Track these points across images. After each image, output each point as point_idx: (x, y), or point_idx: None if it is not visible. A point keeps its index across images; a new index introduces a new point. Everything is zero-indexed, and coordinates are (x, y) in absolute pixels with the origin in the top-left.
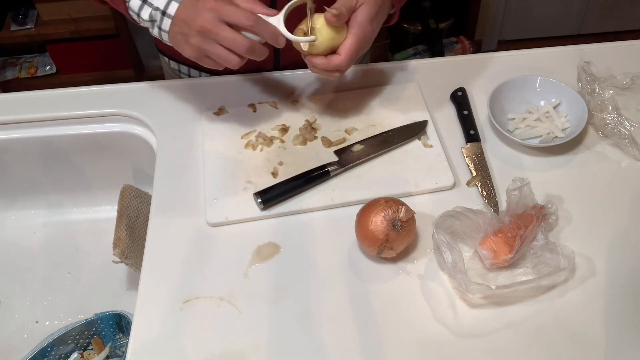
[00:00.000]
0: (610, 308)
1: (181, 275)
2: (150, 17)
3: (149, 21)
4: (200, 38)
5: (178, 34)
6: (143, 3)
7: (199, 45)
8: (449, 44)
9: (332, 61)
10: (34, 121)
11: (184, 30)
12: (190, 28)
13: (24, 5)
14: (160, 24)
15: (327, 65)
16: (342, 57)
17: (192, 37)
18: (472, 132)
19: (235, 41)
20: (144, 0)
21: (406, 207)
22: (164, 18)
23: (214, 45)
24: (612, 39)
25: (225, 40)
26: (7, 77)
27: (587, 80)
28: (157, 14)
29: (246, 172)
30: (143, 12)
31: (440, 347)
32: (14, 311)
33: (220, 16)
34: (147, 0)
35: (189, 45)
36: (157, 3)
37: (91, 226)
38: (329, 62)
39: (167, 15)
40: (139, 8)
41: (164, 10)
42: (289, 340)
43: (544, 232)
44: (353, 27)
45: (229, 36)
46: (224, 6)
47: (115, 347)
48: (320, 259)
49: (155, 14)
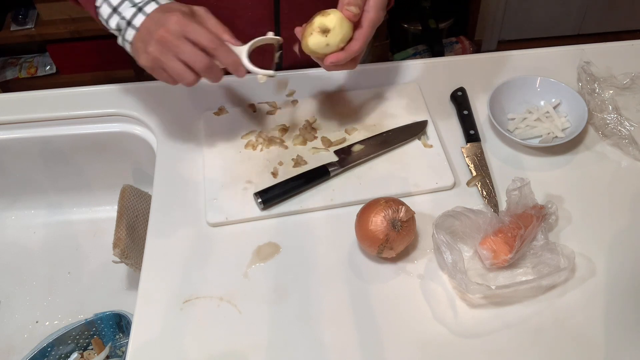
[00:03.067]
0: (610, 308)
1: (181, 275)
2: (117, 26)
3: (116, 30)
4: (159, 47)
5: (138, 42)
6: (113, 12)
7: (156, 55)
8: (449, 44)
9: (351, 50)
10: (34, 121)
11: (144, 38)
12: (150, 37)
13: (24, 5)
14: (124, 34)
15: (348, 56)
16: (359, 42)
17: (151, 46)
18: (472, 132)
19: (194, 56)
20: (114, 9)
21: (406, 207)
22: (128, 28)
23: (172, 58)
24: (612, 39)
25: (184, 54)
26: (7, 77)
27: (587, 80)
28: (123, 23)
29: (246, 172)
30: (111, 20)
31: (440, 347)
32: (14, 311)
33: (184, 31)
34: (117, 10)
35: (146, 53)
36: (125, 13)
37: (91, 226)
38: (348, 53)
39: (132, 26)
40: (108, 16)
41: (130, 20)
42: (289, 340)
43: (544, 232)
44: (368, 12)
45: (189, 50)
46: (190, 23)
47: (115, 347)
48: (320, 259)
49: (122, 24)
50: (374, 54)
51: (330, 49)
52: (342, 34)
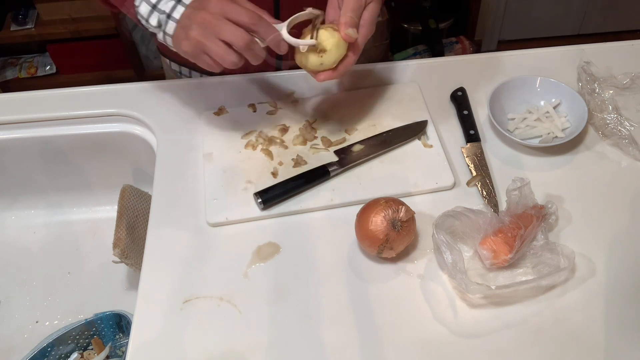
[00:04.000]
0: (610, 308)
1: (181, 275)
2: (158, 22)
3: (157, 27)
4: (201, 31)
5: (179, 29)
6: (152, 9)
7: (198, 39)
8: (449, 44)
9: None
10: (34, 121)
11: (185, 25)
12: (191, 21)
13: (24, 5)
14: (165, 28)
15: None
16: (352, 59)
17: (192, 30)
18: (472, 132)
19: (235, 34)
20: (154, 6)
21: (406, 207)
22: (168, 21)
23: (214, 40)
24: (612, 39)
25: (225, 33)
26: (7, 77)
27: (587, 80)
28: (164, 17)
29: (246, 172)
30: (152, 18)
31: (440, 347)
32: (14, 311)
33: (224, 12)
34: (157, 7)
35: (188, 39)
36: (164, 7)
37: (91, 226)
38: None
39: (172, 18)
40: (148, 14)
41: (170, 13)
42: (289, 340)
43: (544, 232)
44: (363, 27)
45: (230, 29)
46: (229, 4)
47: (115, 347)
48: (320, 259)
49: (162, 19)
50: (374, 54)
51: (323, 67)
52: (337, 54)
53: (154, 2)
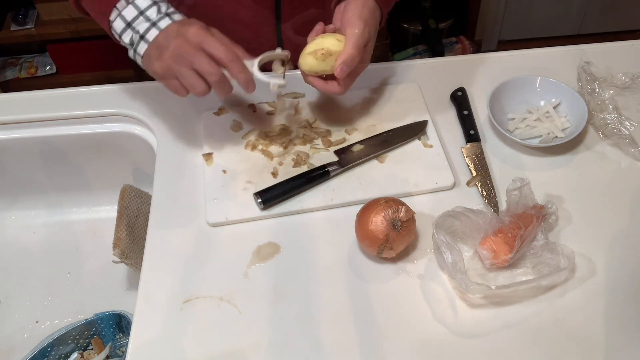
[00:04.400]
0: (610, 308)
1: (181, 275)
2: (131, 40)
3: (129, 44)
4: (175, 56)
5: (153, 49)
6: (127, 26)
7: (170, 62)
8: (449, 44)
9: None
10: (34, 121)
11: (160, 46)
12: (167, 45)
13: (24, 5)
14: (136, 47)
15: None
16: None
17: (167, 54)
18: (472, 132)
19: (209, 68)
20: (128, 24)
21: (406, 207)
22: (141, 42)
23: (186, 67)
24: (612, 39)
25: (199, 65)
26: (7, 77)
27: (587, 80)
28: (137, 37)
29: (246, 172)
30: (124, 35)
31: (440, 347)
32: (14, 311)
33: (201, 42)
34: (131, 25)
35: (161, 61)
36: (138, 27)
37: (91, 226)
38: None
39: (145, 40)
40: (122, 31)
41: (143, 34)
42: (289, 340)
43: (544, 232)
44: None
45: (205, 61)
46: (208, 36)
47: (115, 347)
48: (320, 259)
49: (135, 38)
50: (374, 54)
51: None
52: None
53: (129, 20)
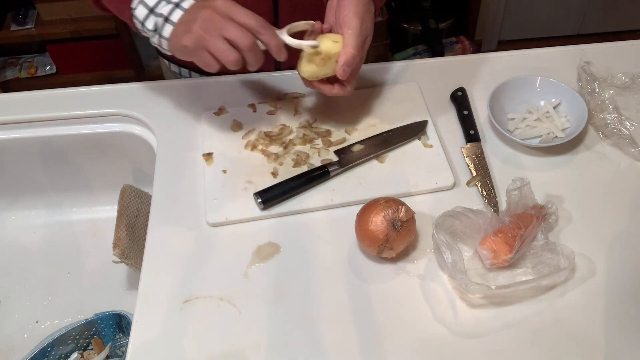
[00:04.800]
0: (610, 308)
1: (181, 275)
2: (154, 26)
3: (152, 30)
4: (205, 26)
5: (180, 25)
6: (149, 13)
7: (200, 34)
8: (449, 44)
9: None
10: (34, 121)
11: (188, 20)
12: (195, 17)
13: (24, 5)
14: (161, 31)
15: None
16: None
17: (196, 25)
18: (472, 132)
19: (241, 34)
20: (151, 10)
21: (406, 207)
22: (165, 25)
23: (217, 37)
24: (612, 39)
25: (230, 32)
26: (7, 77)
27: (587, 80)
28: (160, 21)
29: (246, 172)
30: (148, 22)
31: (440, 347)
32: (14, 311)
33: (230, 12)
34: (154, 10)
35: (191, 33)
36: (162, 10)
37: (91, 226)
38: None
39: (169, 21)
40: (145, 17)
41: (167, 16)
42: (289, 340)
43: (544, 232)
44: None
45: (236, 28)
46: (236, 5)
47: (115, 347)
48: (320, 259)
49: (159, 22)
50: (374, 54)
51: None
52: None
53: (151, 6)
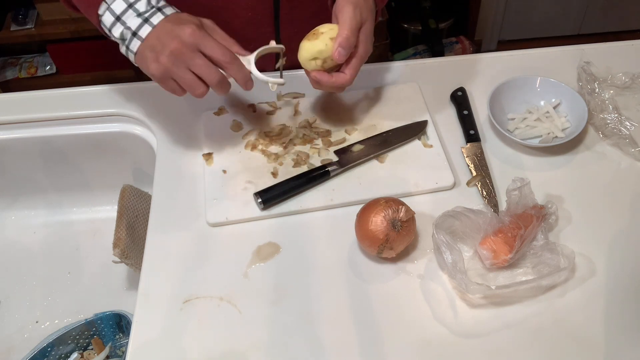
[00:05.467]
0: (610, 308)
1: (181, 275)
2: (121, 35)
3: (120, 39)
4: (172, 59)
5: (148, 50)
6: (116, 20)
7: (168, 65)
8: (449, 44)
9: (337, 81)
10: (34, 121)
11: (156, 48)
12: (163, 47)
13: (24, 5)
14: (128, 44)
15: (333, 83)
16: (347, 76)
17: (164, 56)
18: (472, 132)
19: (208, 70)
20: (117, 18)
21: (406, 207)
22: (133, 39)
23: (184, 69)
24: (612, 39)
25: (197, 67)
26: (7, 77)
27: (587, 80)
28: (128, 33)
29: (246, 172)
30: (114, 29)
31: (440, 347)
32: (14, 311)
33: (198, 45)
34: (120, 19)
35: (158, 63)
36: (129, 23)
37: (91, 226)
38: (334, 80)
39: (137, 36)
40: (111, 24)
41: (135, 31)
42: (289, 340)
43: (544, 232)
44: (359, 47)
45: (203, 64)
46: (205, 36)
47: (115, 347)
48: (320, 259)
49: (126, 33)
50: (374, 54)
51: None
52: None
53: (118, 14)
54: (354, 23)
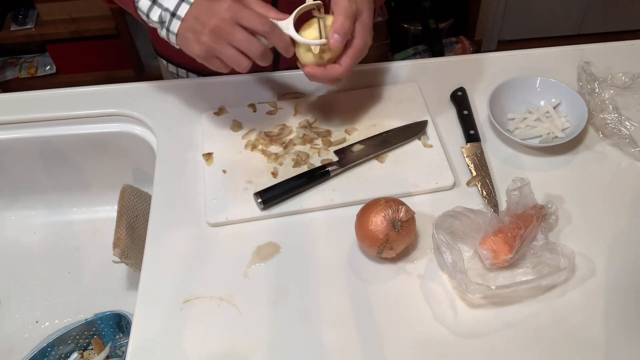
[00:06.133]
0: (610, 308)
1: (181, 275)
2: (160, 18)
3: (158, 22)
4: (214, 37)
5: (189, 32)
6: (153, 4)
7: (210, 44)
8: (449, 44)
9: (331, 72)
10: (34, 121)
11: (196, 28)
12: (203, 26)
13: (24, 5)
14: (169, 26)
15: (327, 76)
16: (342, 68)
17: (205, 36)
18: (472, 132)
19: (250, 44)
20: (154, 1)
21: (406, 207)
22: (172, 19)
23: (226, 46)
24: (612, 39)
25: (239, 42)
26: (7, 77)
27: (587, 80)
28: (167, 15)
29: (246, 172)
30: (152, 13)
31: (440, 347)
32: (14, 311)
33: (236, 18)
34: (157, 1)
35: (200, 44)
36: (167, 4)
37: (91, 226)
38: (328, 73)
39: (176, 16)
40: (148, 9)
41: (174, 11)
42: (289, 340)
43: (544, 232)
44: (355, 38)
45: (244, 38)
46: (242, 9)
47: (115, 347)
48: (320, 259)
49: (165, 15)
50: (374, 54)
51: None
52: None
53: None
54: (349, 11)
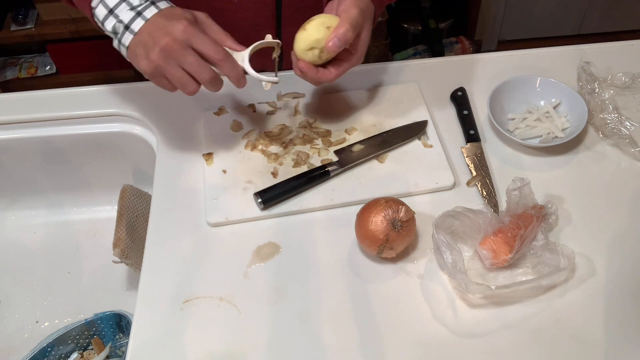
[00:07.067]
0: (610, 308)
1: (181, 275)
2: (114, 29)
3: (112, 33)
4: (163, 55)
5: (140, 47)
6: (109, 13)
7: (158, 62)
8: (449, 44)
9: (322, 77)
10: (34, 121)
11: (147, 44)
12: (155, 43)
13: (24, 5)
14: (121, 38)
15: (317, 78)
16: (333, 76)
17: (154, 53)
18: (472, 132)
19: (199, 68)
20: (110, 11)
21: (406, 207)
22: (125, 32)
23: (175, 66)
24: (612, 39)
25: (189, 65)
26: (7, 77)
27: (587, 80)
28: (121, 27)
29: (246, 172)
30: (107, 23)
31: (440, 347)
32: (14, 311)
33: (190, 41)
34: (114, 12)
35: (148, 60)
36: (122, 16)
37: (91, 226)
38: (320, 76)
39: (130, 30)
40: (104, 18)
41: (128, 24)
42: (289, 340)
43: (544, 232)
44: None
45: (194, 61)
46: (197, 33)
47: (115, 347)
48: (320, 259)
49: (119, 27)
50: (374, 54)
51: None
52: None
53: (111, 7)
54: (356, 23)
